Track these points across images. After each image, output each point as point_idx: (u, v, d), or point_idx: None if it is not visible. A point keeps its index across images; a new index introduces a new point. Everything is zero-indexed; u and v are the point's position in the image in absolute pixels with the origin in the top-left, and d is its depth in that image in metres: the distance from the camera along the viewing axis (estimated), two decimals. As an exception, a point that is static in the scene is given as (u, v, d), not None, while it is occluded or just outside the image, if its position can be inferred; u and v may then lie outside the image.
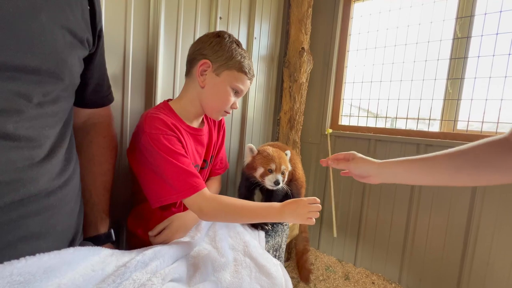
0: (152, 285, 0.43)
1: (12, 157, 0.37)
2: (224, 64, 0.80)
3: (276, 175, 0.96)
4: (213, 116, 0.89)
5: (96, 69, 0.60)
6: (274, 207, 0.72)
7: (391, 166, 0.65)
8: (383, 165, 0.66)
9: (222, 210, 0.71)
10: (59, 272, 0.36)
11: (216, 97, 0.82)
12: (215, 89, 0.81)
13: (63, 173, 0.46)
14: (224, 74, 0.80)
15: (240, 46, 0.84)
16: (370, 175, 0.69)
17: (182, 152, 0.73)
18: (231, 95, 0.83)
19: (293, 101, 1.67)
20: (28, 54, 0.38)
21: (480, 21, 1.29)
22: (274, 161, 0.97)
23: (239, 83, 0.82)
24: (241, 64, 0.81)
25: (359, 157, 0.73)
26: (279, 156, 1.00)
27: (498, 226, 1.23)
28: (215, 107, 0.84)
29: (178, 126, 0.78)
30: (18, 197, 0.37)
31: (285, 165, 1.00)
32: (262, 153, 1.00)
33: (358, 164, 0.71)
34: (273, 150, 1.01)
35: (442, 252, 1.38)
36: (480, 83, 1.31)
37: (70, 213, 0.48)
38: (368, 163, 0.69)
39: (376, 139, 1.57)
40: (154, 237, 0.74)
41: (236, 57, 0.80)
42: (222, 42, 0.80)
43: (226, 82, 0.81)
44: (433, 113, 1.46)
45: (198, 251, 0.71)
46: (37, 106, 0.40)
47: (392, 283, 1.52)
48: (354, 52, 1.72)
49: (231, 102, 0.84)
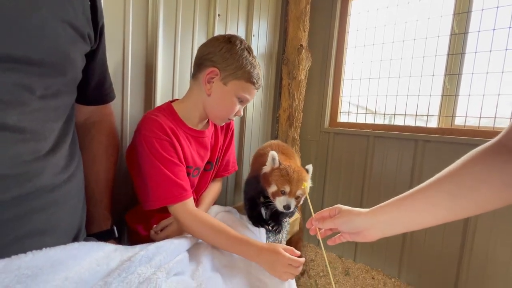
0: (157, 279, 0.44)
1: (19, 150, 0.37)
2: (233, 74, 0.78)
3: (289, 199, 0.85)
4: (216, 122, 0.89)
5: (98, 65, 0.60)
6: (253, 248, 0.68)
7: (383, 211, 0.53)
8: (373, 213, 0.54)
9: (200, 228, 0.70)
10: (65, 266, 0.37)
11: (222, 106, 0.81)
12: (221, 98, 0.80)
13: (67, 168, 0.46)
14: (232, 83, 0.78)
15: (251, 53, 0.81)
16: (362, 229, 0.56)
17: (174, 159, 0.73)
18: (236, 104, 0.82)
19: (292, 99, 1.68)
20: (30, 47, 0.39)
21: (477, 17, 1.29)
22: (290, 183, 0.85)
23: (246, 93, 0.81)
24: (250, 74, 0.79)
25: (345, 209, 0.60)
26: (299, 178, 0.86)
27: (496, 220, 1.25)
28: (219, 115, 0.84)
29: (177, 130, 0.78)
30: (25, 191, 0.37)
31: (302, 189, 0.86)
32: (282, 170, 0.87)
33: (344, 218, 0.58)
34: (294, 170, 0.87)
35: (441, 247, 1.39)
36: (477, 79, 1.32)
37: (73, 210, 0.48)
38: (355, 215, 0.57)
39: (375, 136, 1.58)
40: (156, 234, 0.74)
41: (246, 66, 0.78)
42: (232, 49, 0.78)
43: (232, 91, 0.79)
44: (431, 109, 1.47)
45: (198, 246, 0.71)
46: (40, 99, 0.41)
47: (392, 278, 1.54)
48: (352, 49, 1.72)
49: (235, 111, 0.83)
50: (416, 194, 0.49)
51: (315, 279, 1.52)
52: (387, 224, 0.52)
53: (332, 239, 0.66)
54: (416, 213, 0.48)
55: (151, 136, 0.71)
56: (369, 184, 1.61)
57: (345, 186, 1.70)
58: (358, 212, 0.57)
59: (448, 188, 0.44)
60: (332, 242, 0.66)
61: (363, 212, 0.56)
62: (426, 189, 0.47)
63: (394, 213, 0.51)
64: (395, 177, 1.51)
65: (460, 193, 0.43)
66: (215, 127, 0.94)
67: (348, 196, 1.68)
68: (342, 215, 0.59)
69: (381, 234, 0.54)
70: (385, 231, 0.53)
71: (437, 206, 0.45)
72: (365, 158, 1.62)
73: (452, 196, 0.44)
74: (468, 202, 0.43)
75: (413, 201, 0.49)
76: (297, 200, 0.87)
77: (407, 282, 1.49)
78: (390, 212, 0.52)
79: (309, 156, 1.85)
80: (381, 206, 0.54)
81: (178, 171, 0.72)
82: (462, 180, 0.43)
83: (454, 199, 0.43)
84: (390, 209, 0.52)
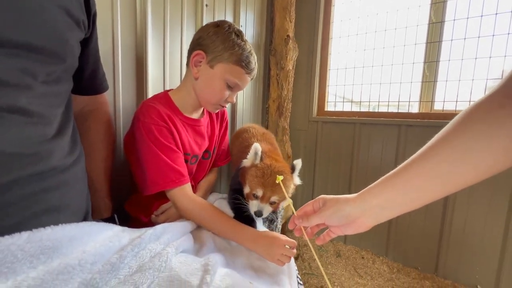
0: (167, 254, 0.46)
1: (29, 132, 0.38)
2: (219, 56, 0.76)
3: (261, 205, 0.73)
4: (208, 108, 0.88)
5: (92, 54, 0.60)
6: (249, 234, 0.69)
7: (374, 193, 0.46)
8: (362, 197, 0.47)
9: (197, 212, 0.72)
10: (81, 241, 0.38)
11: (209, 89, 0.80)
12: (208, 82, 0.79)
13: (72, 152, 0.47)
14: (218, 66, 0.77)
15: (240, 37, 0.78)
16: (354, 218, 0.48)
17: (171, 146, 0.74)
18: (224, 89, 0.79)
19: (281, 89, 1.71)
20: (32, 33, 0.39)
21: (452, 6, 1.37)
22: (264, 187, 0.72)
23: (234, 77, 0.77)
24: (237, 56, 0.76)
25: (330, 199, 0.51)
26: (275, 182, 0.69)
27: (472, 197, 1.35)
28: (208, 100, 0.82)
29: (174, 117, 0.78)
30: (39, 170, 0.38)
31: (280, 195, 0.73)
32: (258, 170, 0.74)
33: (331, 209, 0.49)
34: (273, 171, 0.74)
35: (424, 225, 1.49)
36: (453, 65, 1.40)
37: (81, 192, 0.49)
38: (343, 203, 0.49)
39: (361, 123, 1.64)
40: (157, 217, 0.76)
41: (233, 48, 0.75)
42: (219, 32, 0.77)
43: (219, 75, 0.77)
44: (412, 95, 1.55)
45: (201, 229, 0.74)
46: (43, 84, 0.41)
47: (380, 256, 1.63)
48: (337, 39, 1.77)
49: (224, 96, 0.80)
50: (411, 169, 0.41)
51: (309, 262, 1.58)
52: (381, 208, 0.44)
53: (320, 238, 0.56)
54: (413, 190, 0.41)
55: (149, 123, 0.72)
56: (357, 169, 1.68)
57: (334, 173, 1.77)
58: (346, 199, 0.49)
59: (446, 155, 0.37)
60: (321, 241, 0.56)
61: (351, 198, 0.48)
62: (421, 160, 0.40)
63: (388, 193, 0.44)
64: (381, 161, 1.59)
65: (459, 157, 0.36)
66: (210, 116, 0.96)
67: (337, 183, 1.75)
68: (328, 206, 0.50)
69: (375, 220, 0.46)
70: (379, 217, 0.46)
71: (437, 178, 0.39)
72: (352, 145, 1.69)
73: (453, 164, 0.37)
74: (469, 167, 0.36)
75: (409, 177, 0.41)
76: (273, 206, 0.75)
77: (394, 259, 1.59)
78: (382, 193, 0.44)
79: (298, 146, 1.90)
80: (370, 188, 0.46)
81: (176, 157, 0.74)
82: (459, 142, 0.37)
83: (453, 166, 0.37)
84: (382, 189, 0.44)
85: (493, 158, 0.35)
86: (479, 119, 0.36)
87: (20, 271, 0.31)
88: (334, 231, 0.54)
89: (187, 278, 0.42)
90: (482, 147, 0.35)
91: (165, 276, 0.42)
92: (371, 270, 1.51)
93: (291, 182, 0.77)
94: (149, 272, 0.40)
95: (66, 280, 0.33)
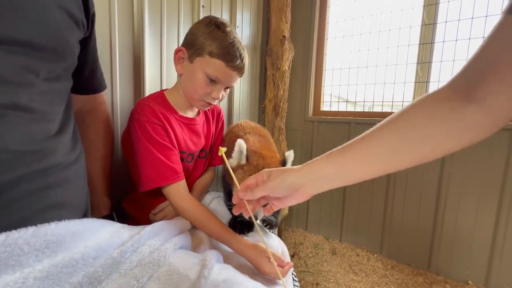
0: (166, 249, 0.47)
1: (32, 129, 0.39)
2: (198, 50, 0.75)
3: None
4: (194, 105, 0.86)
5: (91, 53, 0.62)
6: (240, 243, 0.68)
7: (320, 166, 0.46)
8: (308, 167, 0.48)
9: (191, 211, 0.72)
10: (83, 236, 0.40)
11: (191, 84, 0.79)
12: (190, 77, 0.78)
13: (73, 150, 0.48)
14: (197, 60, 0.76)
15: (222, 29, 0.75)
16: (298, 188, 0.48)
17: (166, 143, 0.74)
18: (205, 83, 0.77)
19: (277, 89, 1.72)
20: (34, 32, 0.40)
21: (444, 8, 1.40)
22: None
23: (213, 70, 0.75)
24: (216, 49, 0.73)
25: (275, 170, 0.52)
26: None
27: (462, 196, 1.39)
28: (192, 96, 0.81)
29: (169, 116, 0.79)
30: (42, 167, 0.39)
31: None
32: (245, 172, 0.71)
33: (277, 179, 0.49)
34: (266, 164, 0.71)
35: (416, 223, 1.52)
36: (445, 66, 1.43)
37: (81, 189, 0.50)
38: (288, 173, 0.49)
39: (356, 123, 1.67)
40: (155, 215, 0.77)
41: (211, 41, 0.73)
42: (199, 27, 0.76)
43: (199, 69, 0.76)
44: (406, 95, 1.58)
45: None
46: (44, 81, 0.42)
47: (375, 254, 1.66)
48: (332, 39, 1.80)
49: (207, 91, 0.78)
50: (357, 146, 0.43)
51: (305, 259, 1.61)
52: (325, 180, 0.46)
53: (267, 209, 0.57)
54: (357, 167, 0.43)
55: (144, 121, 0.73)
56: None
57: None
58: (291, 169, 0.50)
59: (388, 139, 0.40)
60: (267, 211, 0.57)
61: (296, 169, 0.49)
62: (368, 139, 0.43)
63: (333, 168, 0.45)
64: (375, 160, 1.62)
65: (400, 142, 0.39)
66: (206, 115, 0.97)
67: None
68: (273, 177, 0.50)
69: (316, 190, 0.48)
70: (321, 187, 0.47)
71: (378, 158, 0.41)
72: (347, 144, 1.71)
73: (392, 149, 0.40)
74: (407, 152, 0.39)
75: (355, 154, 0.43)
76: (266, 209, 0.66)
77: (388, 256, 1.62)
78: (328, 167, 0.45)
79: (294, 145, 1.92)
80: (316, 160, 0.47)
81: (171, 155, 0.75)
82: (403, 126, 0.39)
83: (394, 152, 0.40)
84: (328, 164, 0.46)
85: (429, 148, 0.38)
86: (424, 108, 0.38)
87: (26, 264, 0.32)
88: (277, 203, 0.54)
89: (185, 272, 0.44)
90: (420, 134, 0.38)
91: (164, 270, 0.43)
92: (366, 267, 1.54)
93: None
94: (148, 266, 0.42)
95: (71, 273, 0.34)
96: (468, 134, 0.36)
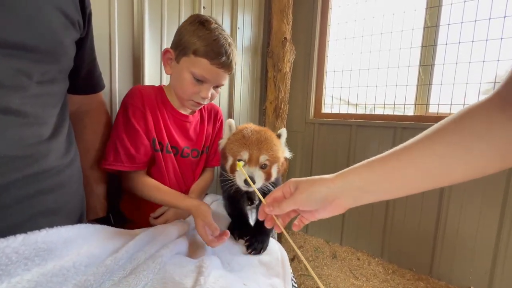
0: (161, 256, 0.46)
1: (24, 134, 0.38)
2: (182, 50, 0.75)
3: (250, 169, 0.63)
4: (184, 105, 0.86)
5: (87, 53, 0.61)
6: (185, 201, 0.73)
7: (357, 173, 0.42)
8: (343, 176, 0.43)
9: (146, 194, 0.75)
10: (76, 243, 0.38)
11: (179, 84, 0.80)
12: (177, 77, 0.79)
13: (68, 153, 0.47)
14: (183, 60, 0.76)
15: (207, 26, 0.74)
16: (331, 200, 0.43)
17: (139, 129, 0.75)
18: (192, 83, 0.76)
19: (278, 91, 1.71)
20: (26, 33, 0.39)
21: (447, 11, 1.39)
22: (248, 146, 0.64)
23: (199, 69, 0.74)
24: (199, 46, 0.72)
25: (303, 181, 0.47)
26: (259, 139, 0.66)
27: (465, 199, 1.37)
28: (180, 95, 0.82)
29: (161, 106, 0.81)
30: (33, 172, 0.38)
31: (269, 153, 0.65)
32: (236, 134, 0.70)
33: (307, 191, 0.44)
34: (254, 130, 0.70)
35: (418, 226, 1.50)
36: (448, 69, 1.42)
37: (76, 193, 0.49)
38: (319, 184, 0.44)
39: (357, 125, 1.66)
40: (155, 219, 0.76)
41: (195, 39, 0.72)
42: (185, 25, 0.76)
43: (184, 68, 0.76)
44: (408, 98, 1.56)
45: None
46: (38, 84, 0.42)
47: (376, 258, 1.64)
48: (334, 41, 1.79)
49: (195, 91, 0.77)
50: (401, 155, 0.39)
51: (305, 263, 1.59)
52: (363, 190, 0.41)
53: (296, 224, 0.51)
54: (401, 179, 0.39)
55: (127, 101, 0.75)
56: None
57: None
58: (322, 179, 0.44)
59: (438, 148, 0.36)
60: (296, 227, 0.51)
61: (329, 178, 0.44)
62: (413, 148, 0.39)
63: (374, 177, 0.40)
64: (377, 163, 1.60)
65: (453, 154, 0.35)
66: (201, 115, 0.96)
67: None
68: (302, 189, 0.45)
69: (354, 202, 0.43)
70: (359, 198, 0.42)
71: (427, 171, 0.37)
72: (348, 147, 1.70)
73: (443, 158, 0.36)
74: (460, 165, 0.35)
75: (399, 165, 0.39)
76: (264, 170, 0.65)
77: (389, 260, 1.60)
78: (368, 176, 0.41)
79: (295, 147, 1.90)
80: (354, 168, 0.43)
81: (137, 141, 0.74)
82: (455, 138, 0.35)
83: (445, 161, 0.36)
84: (368, 172, 0.41)
85: (487, 160, 0.34)
86: (478, 120, 0.35)
87: (14, 274, 0.31)
88: (307, 216, 0.48)
89: (181, 280, 0.43)
90: (478, 147, 0.34)
91: (159, 278, 0.42)
92: (367, 272, 1.52)
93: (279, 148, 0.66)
94: (143, 274, 0.41)
95: (61, 283, 0.33)
96: None
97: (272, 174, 0.68)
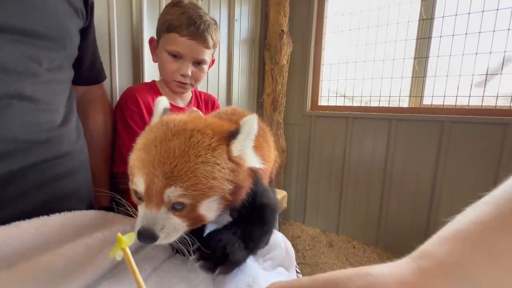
0: None
1: (39, 119, 0.39)
2: (158, 33, 0.81)
3: (147, 212, 0.34)
4: (172, 89, 0.87)
5: (91, 43, 0.61)
6: None
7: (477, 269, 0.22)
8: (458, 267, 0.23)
9: None
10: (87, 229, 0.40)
11: (160, 68, 0.84)
12: (159, 61, 0.83)
13: (78, 140, 0.49)
14: (160, 42, 0.81)
15: (177, 5, 0.77)
16: None
17: (138, 130, 0.75)
18: (169, 60, 0.79)
19: (275, 83, 1.73)
20: (35, 21, 0.40)
21: (442, 3, 1.41)
22: (146, 167, 0.34)
23: (171, 44, 0.77)
24: (169, 23, 0.76)
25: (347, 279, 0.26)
26: (171, 152, 0.35)
27: (457, 192, 1.41)
28: (165, 78, 0.86)
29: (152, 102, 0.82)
30: (50, 156, 0.39)
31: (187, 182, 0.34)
32: (148, 131, 0.39)
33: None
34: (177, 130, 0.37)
35: (412, 214, 1.55)
36: (442, 61, 1.45)
37: (87, 179, 0.51)
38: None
39: (353, 117, 1.68)
40: None
41: (165, 18, 0.76)
42: (163, 11, 0.81)
43: (162, 48, 0.80)
44: (403, 90, 1.59)
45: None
46: (47, 71, 0.43)
47: (371, 246, 1.69)
48: (330, 34, 1.80)
49: (173, 68, 0.80)
50: None
51: (302, 252, 1.63)
52: None
53: None
54: None
55: (123, 105, 0.77)
56: (349, 162, 1.72)
57: (327, 166, 1.81)
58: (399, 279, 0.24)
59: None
60: None
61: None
62: None
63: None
64: (372, 154, 1.64)
65: None
66: (198, 106, 0.98)
67: (329, 180, 1.79)
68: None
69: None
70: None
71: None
72: (344, 139, 1.73)
73: None
74: None
75: None
76: (179, 213, 0.35)
77: (384, 248, 1.65)
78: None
79: (292, 140, 1.93)
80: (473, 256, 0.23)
81: None
82: None
83: None
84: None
85: None
86: None
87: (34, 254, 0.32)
88: None
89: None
90: None
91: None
92: (362, 259, 1.57)
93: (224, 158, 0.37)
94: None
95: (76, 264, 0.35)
96: None
97: (202, 215, 0.37)
